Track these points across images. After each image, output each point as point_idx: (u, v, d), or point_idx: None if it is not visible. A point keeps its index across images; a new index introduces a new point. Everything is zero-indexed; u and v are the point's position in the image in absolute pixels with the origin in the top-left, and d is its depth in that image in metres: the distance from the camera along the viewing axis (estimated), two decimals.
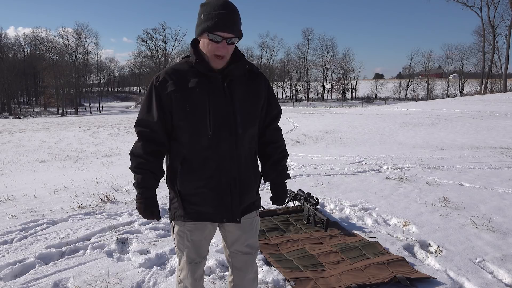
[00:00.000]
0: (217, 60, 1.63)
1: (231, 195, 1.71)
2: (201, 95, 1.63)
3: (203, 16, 1.60)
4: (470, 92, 51.26)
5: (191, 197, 1.71)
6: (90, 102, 69.19)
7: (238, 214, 1.74)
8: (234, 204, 1.72)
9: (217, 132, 1.65)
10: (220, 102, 1.65)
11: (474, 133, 12.69)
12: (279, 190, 1.93)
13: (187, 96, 1.63)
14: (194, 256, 1.82)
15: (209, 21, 1.56)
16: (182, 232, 1.78)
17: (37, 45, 75.74)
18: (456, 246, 3.10)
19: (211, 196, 1.70)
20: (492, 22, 50.23)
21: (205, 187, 1.69)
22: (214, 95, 1.64)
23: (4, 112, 60.57)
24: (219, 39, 1.57)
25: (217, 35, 1.56)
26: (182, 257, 1.83)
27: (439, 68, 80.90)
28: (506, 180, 5.45)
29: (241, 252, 1.87)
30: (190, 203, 1.71)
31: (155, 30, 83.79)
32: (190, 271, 1.83)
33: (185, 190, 1.70)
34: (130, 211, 4.11)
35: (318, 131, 14.87)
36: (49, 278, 2.65)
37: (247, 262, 1.89)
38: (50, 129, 22.66)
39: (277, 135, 1.90)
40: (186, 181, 1.69)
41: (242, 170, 1.73)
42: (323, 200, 4.49)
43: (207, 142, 1.65)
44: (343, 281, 2.57)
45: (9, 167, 9.91)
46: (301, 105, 62.48)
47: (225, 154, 1.67)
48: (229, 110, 1.66)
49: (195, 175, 1.68)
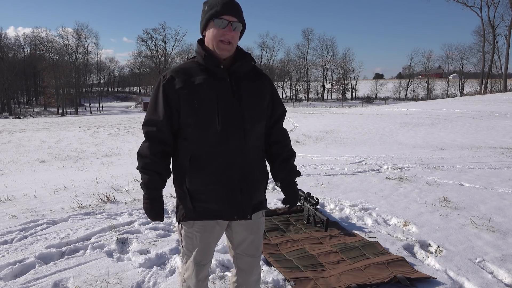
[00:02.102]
0: (223, 46, 1.65)
1: (241, 191, 1.70)
2: (208, 91, 1.64)
3: (207, 6, 1.67)
4: (470, 92, 51.17)
5: (200, 195, 1.69)
6: (90, 102, 69.23)
7: (249, 210, 1.73)
8: (244, 200, 1.71)
9: (226, 127, 1.65)
10: (227, 98, 1.66)
11: (474, 133, 12.69)
12: (290, 190, 1.91)
13: (195, 93, 1.64)
14: (201, 258, 1.81)
15: (214, 8, 1.64)
16: (191, 233, 1.76)
17: (37, 45, 75.86)
18: (456, 246, 3.10)
19: (221, 193, 1.68)
20: (492, 22, 50.25)
21: (216, 183, 1.67)
22: (221, 91, 1.66)
23: (4, 112, 60.59)
24: (224, 23, 1.63)
25: (222, 19, 1.62)
26: (190, 257, 1.81)
27: (439, 68, 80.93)
28: (506, 180, 5.45)
29: (247, 254, 1.86)
30: (200, 201, 1.69)
31: (155, 30, 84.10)
32: (195, 272, 1.82)
33: (195, 187, 1.68)
34: (130, 211, 4.11)
35: (318, 131, 14.86)
36: (49, 278, 2.64)
37: (252, 264, 1.89)
38: (50, 129, 22.66)
39: (283, 135, 1.90)
40: (196, 178, 1.67)
41: (251, 166, 1.73)
42: (323, 200, 4.49)
43: (216, 137, 1.65)
44: (343, 281, 2.57)
45: (9, 167, 9.91)
46: (301, 105, 62.49)
47: (235, 149, 1.67)
48: (237, 105, 1.68)
49: (204, 172, 1.67)
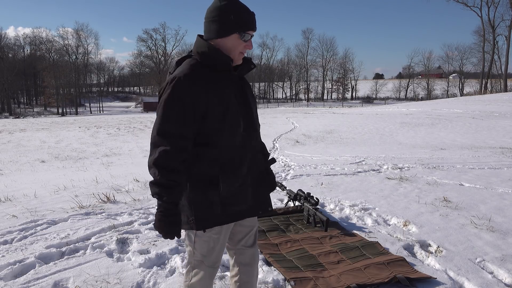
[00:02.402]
0: (241, 56, 1.73)
1: (264, 186, 1.83)
2: (230, 94, 1.68)
3: (233, 16, 1.62)
4: (470, 92, 51.18)
5: (231, 198, 1.67)
6: (90, 102, 69.26)
7: (269, 203, 1.87)
8: (267, 195, 1.85)
9: (247, 129, 1.73)
10: (244, 100, 1.74)
11: (474, 133, 12.68)
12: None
13: (220, 97, 1.63)
14: (216, 260, 1.82)
15: (242, 21, 1.65)
16: (208, 238, 1.72)
17: (37, 45, 75.93)
18: (456, 246, 3.10)
19: (250, 192, 1.75)
20: (492, 22, 50.29)
21: (245, 184, 1.73)
22: (238, 93, 1.73)
23: (4, 112, 60.62)
24: (248, 37, 1.70)
25: (248, 33, 1.68)
26: (203, 262, 1.78)
27: (439, 68, 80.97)
28: (506, 180, 5.45)
29: (247, 246, 1.91)
30: (230, 204, 1.68)
31: (155, 30, 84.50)
32: (208, 275, 1.81)
33: (229, 193, 1.65)
34: (130, 211, 4.11)
35: (318, 131, 14.86)
36: (49, 278, 2.64)
37: (254, 254, 1.94)
38: (50, 129, 22.65)
39: None
40: (229, 183, 1.65)
41: (261, 162, 1.85)
42: (323, 200, 4.49)
43: (240, 140, 1.70)
44: (343, 281, 2.57)
45: (9, 167, 9.91)
46: (301, 105, 62.49)
47: (253, 149, 1.77)
48: (250, 106, 1.77)
49: (236, 175, 1.68)
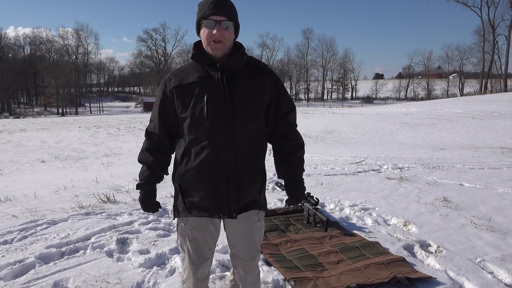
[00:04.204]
0: (215, 46, 1.66)
1: (227, 189, 1.70)
2: (200, 89, 1.69)
3: (198, 9, 1.71)
4: (470, 92, 51.13)
5: (189, 190, 1.75)
6: (90, 102, 69.19)
7: (235, 209, 1.72)
8: (230, 198, 1.71)
9: (215, 124, 1.67)
10: (217, 95, 1.68)
11: (474, 133, 12.68)
12: (291, 187, 1.84)
13: (187, 91, 1.71)
14: (195, 257, 1.82)
15: (202, 10, 1.67)
16: (184, 231, 1.82)
17: (37, 45, 75.82)
18: (456, 246, 3.10)
19: (207, 189, 1.70)
20: (492, 22, 50.22)
21: (203, 179, 1.70)
22: (212, 88, 1.69)
23: (4, 112, 60.58)
24: (212, 24, 1.64)
25: (210, 19, 1.65)
26: (185, 257, 1.87)
27: (439, 68, 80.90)
28: (506, 180, 5.45)
29: (241, 257, 1.87)
30: (188, 196, 1.75)
31: (155, 30, 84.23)
32: (192, 272, 1.85)
33: (184, 183, 1.75)
34: (130, 211, 4.11)
35: (318, 131, 14.85)
36: (49, 278, 2.65)
37: (246, 266, 1.88)
38: (50, 129, 22.64)
39: (290, 129, 1.83)
40: (186, 174, 1.73)
41: (241, 164, 1.70)
42: (323, 200, 4.49)
43: (205, 134, 1.68)
44: (343, 281, 2.57)
45: (9, 167, 9.91)
46: (301, 105, 62.45)
47: (222, 146, 1.67)
48: (227, 102, 1.67)
49: (193, 168, 1.71)
